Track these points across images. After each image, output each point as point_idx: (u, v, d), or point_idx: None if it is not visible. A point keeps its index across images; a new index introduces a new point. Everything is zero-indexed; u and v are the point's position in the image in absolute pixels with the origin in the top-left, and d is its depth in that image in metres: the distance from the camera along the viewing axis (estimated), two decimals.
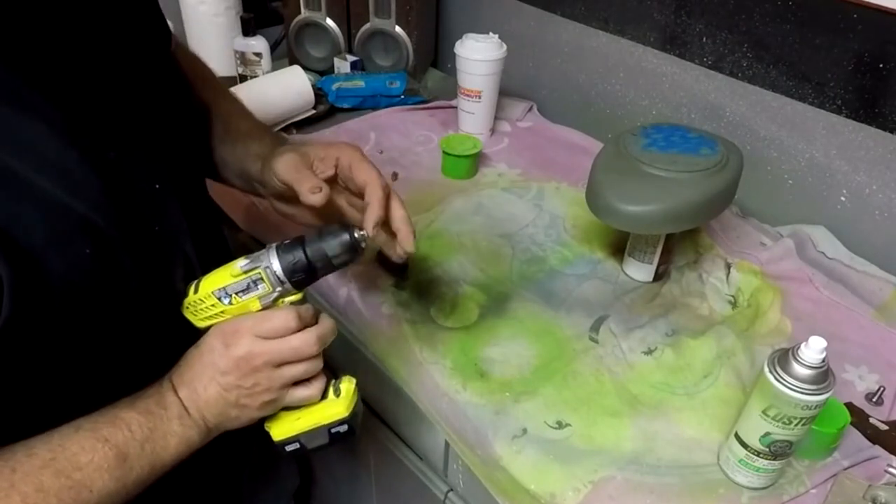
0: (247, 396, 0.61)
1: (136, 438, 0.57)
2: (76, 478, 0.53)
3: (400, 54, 1.42)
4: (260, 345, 0.60)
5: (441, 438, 0.86)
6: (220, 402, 0.61)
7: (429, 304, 0.90)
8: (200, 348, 0.62)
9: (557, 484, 0.70)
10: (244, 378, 0.60)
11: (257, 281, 0.60)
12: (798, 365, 0.62)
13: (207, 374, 0.61)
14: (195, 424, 0.61)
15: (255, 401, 0.62)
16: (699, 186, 0.85)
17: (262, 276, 0.60)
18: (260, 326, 0.60)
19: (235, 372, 0.60)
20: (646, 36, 1.19)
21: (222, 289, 0.61)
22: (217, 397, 0.61)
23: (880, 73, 0.94)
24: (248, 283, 0.60)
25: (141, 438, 0.57)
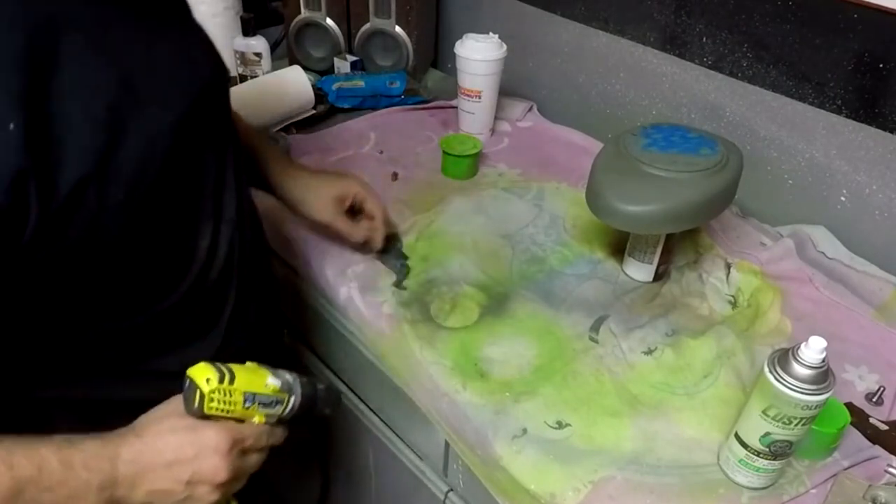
0: (192, 502, 0.61)
1: (40, 482, 0.54)
2: None
3: (400, 54, 1.42)
4: (233, 467, 0.61)
5: (441, 438, 0.86)
6: (161, 498, 0.60)
7: (429, 304, 0.90)
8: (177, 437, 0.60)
9: (557, 484, 0.70)
10: (202, 489, 0.60)
11: (280, 402, 0.66)
12: (798, 365, 0.62)
13: (168, 471, 0.59)
14: (109, 501, 0.58)
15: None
16: (699, 186, 0.85)
17: (285, 401, 0.66)
18: (247, 442, 0.63)
19: (200, 485, 0.60)
20: (646, 36, 1.19)
21: (255, 394, 0.64)
22: (161, 495, 0.60)
23: (880, 73, 0.94)
24: (274, 399, 0.65)
25: (45, 485, 0.54)
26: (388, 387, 0.90)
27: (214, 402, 0.61)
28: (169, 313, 0.66)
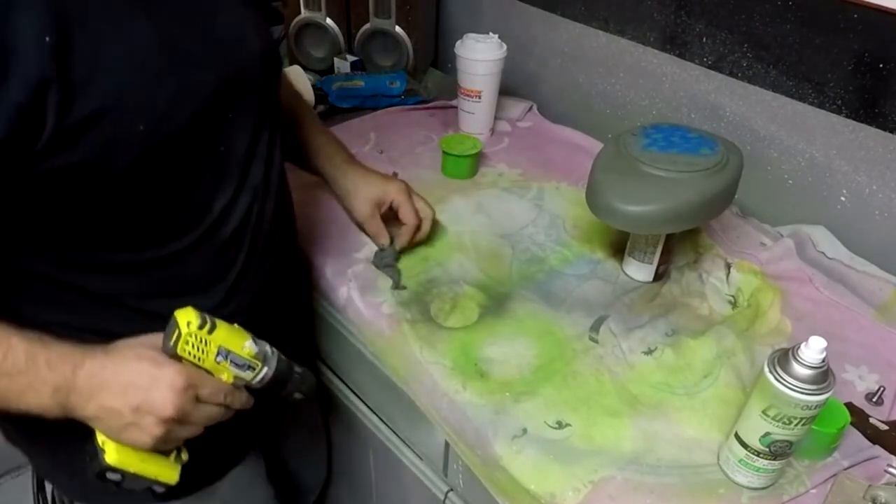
0: (135, 429, 0.62)
1: (2, 367, 0.58)
2: None
3: (400, 54, 1.42)
4: (182, 408, 0.62)
5: (441, 438, 0.86)
6: (108, 417, 0.62)
7: (429, 304, 0.90)
8: (140, 364, 0.62)
9: (557, 484, 0.70)
10: (148, 419, 0.62)
11: (253, 367, 0.68)
12: (798, 365, 0.62)
13: (122, 392, 0.61)
14: (61, 407, 0.61)
15: (135, 435, 0.62)
16: (699, 186, 0.85)
17: (258, 368, 0.68)
18: (203, 390, 0.64)
19: (147, 415, 0.61)
20: (646, 36, 1.19)
21: (229, 351, 0.66)
22: (108, 412, 0.61)
23: (880, 73, 0.93)
24: (247, 364, 0.67)
25: (6, 370, 0.58)
26: (388, 387, 0.90)
27: (188, 346, 0.63)
28: (174, 259, 0.68)
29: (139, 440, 0.63)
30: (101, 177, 0.59)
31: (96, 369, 0.61)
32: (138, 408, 0.61)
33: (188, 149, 0.64)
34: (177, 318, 0.63)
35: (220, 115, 0.67)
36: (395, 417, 0.99)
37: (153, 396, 0.61)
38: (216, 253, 0.72)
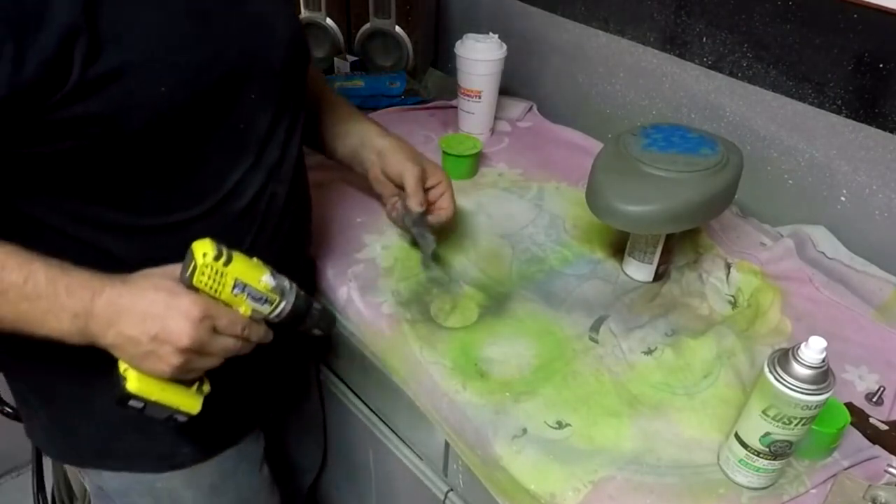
0: (154, 358, 0.63)
1: (23, 290, 0.59)
2: None
3: (400, 54, 1.42)
4: (199, 338, 0.63)
5: (441, 438, 0.86)
6: (127, 345, 0.62)
7: (429, 304, 0.90)
8: (157, 294, 0.63)
9: (557, 484, 0.70)
10: (165, 348, 0.62)
11: (270, 301, 0.67)
12: (798, 365, 0.62)
13: (140, 321, 0.62)
14: (81, 333, 0.61)
15: (154, 363, 0.63)
16: (699, 186, 0.85)
17: (275, 303, 0.68)
18: (220, 321, 0.64)
19: (165, 344, 0.62)
20: (646, 36, 1.19)
21: (246, 284, 0.65)
22: (127, 340, 0.62)
23: (880, 73, 0.93)
24: (264, 297, 0.67)
25: (27, 294, 0.59)
26: (388, 387, 0.90)
27: (204, 277, 0.63)
28: (181, 226, 0.69)
29: (158, 369, 0.63)
30: (114, 132, 0.60)
31: (114, 297, 0.61)
32: (156, 336, 0.61)
33: (205, 119, 0.66)
34: (193, 250, 0.63)
35: (242, 94, 0.69)
36: (395, 417, 0.99)
37: (169, 326, 0.62)
38: (225, 227, 0.73)
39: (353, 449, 1.14)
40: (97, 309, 0.61)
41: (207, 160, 0.70)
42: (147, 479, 0.84)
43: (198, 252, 0.63)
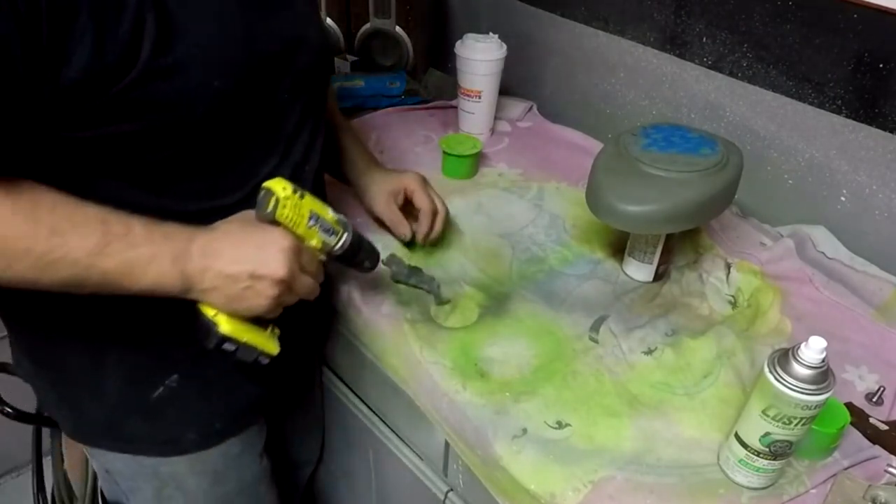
0: (252, 294, 0.66)
1: (126, 239, 0.61)
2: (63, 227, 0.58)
3: (400, 54, 1.42)
4: (292, 269, 0.67)
5: (441, 438, 0.86)
6: (226, 284, 0.65)
7: (429, 304, 0.90)
8: (246, 231, 0.67)
9: (557, 484, 0.70)
10: (263, 282, 0.66)
11: (336, 233, 0.73)
12: (798, 365, 0.62)
13: (236, 259, 0.65)
14: (182, 277, 0.64)
15: (251, 300, 0.66)
16: (699, 186, 0.85)
17: (340, 234, 0.74)
18: (303, 256, 0.69)
19: (262, 278, 0.65)
20: (646, 36, 1.19)
21: (318, 216, 0.70)
22: (226, 279, 0.65)
23: (880, 73, 0.93)
24: (331, 228, 0.72)
25: (131, 242, 0.61)
26: (388, 387, 0.90)
27: (286, 210, 0.66)
28: (218, 212, 0.70)
29: (255, 304, 0.66)
30: (170, 119, 0.63)
31: (208, 241, 0.64)
32: (253, 272, 0.65)
33: (245, 113, 0.69)
34: (270, 187, 0.66)
35: (277, 92, 0.73)
36: (395, 417, 0.99)
37: (266, 259, 0.65)
38: None
39: (352, 448, 1.14)
40: (194, 250, 0.64)
41: (243, 153, 0.73)
42: (152, 462, 0.84)
43: (277, 188, 0.66)
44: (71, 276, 0.60)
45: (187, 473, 0.87)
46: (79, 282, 0.60)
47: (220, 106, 0.66)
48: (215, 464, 0.88)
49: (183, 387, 0.80)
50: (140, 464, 0.85)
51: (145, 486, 0.87)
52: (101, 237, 0.60)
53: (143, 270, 0.62)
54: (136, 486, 0.88)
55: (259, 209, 0.66)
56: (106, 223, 0.60)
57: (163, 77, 0.60)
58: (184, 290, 0.65)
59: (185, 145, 0.67)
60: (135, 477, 0.87)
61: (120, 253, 0.61)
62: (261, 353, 0.70)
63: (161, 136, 0.64)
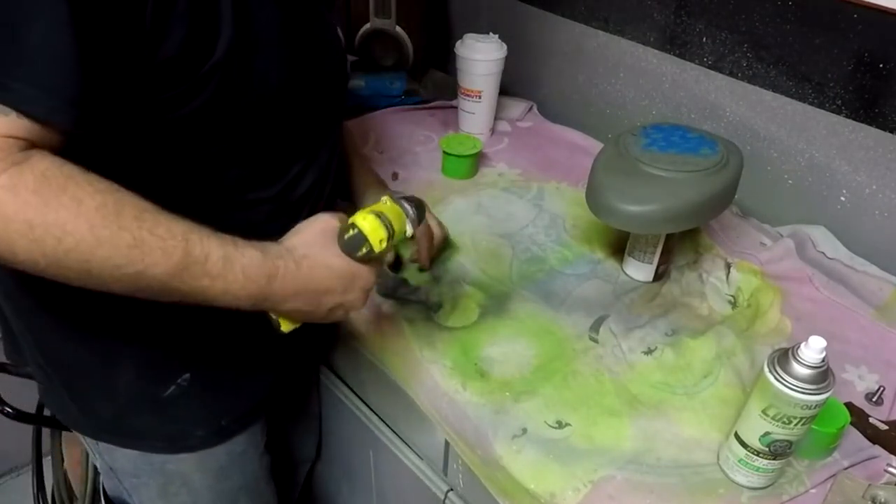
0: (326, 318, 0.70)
1: (204, 267, 0.59)
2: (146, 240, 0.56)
3: (400, 54, 1.42)
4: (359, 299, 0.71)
5: (441, 438, 0.86)
6: (301, 316, 0.68)
7: (429, 303, 0.90)
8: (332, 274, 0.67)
9: (557, 483, 0.70)
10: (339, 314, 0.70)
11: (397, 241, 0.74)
12: (798, 365, 0.62)
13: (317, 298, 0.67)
14: (254, 307, 0.64)
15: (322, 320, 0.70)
16: (699, 186, 0.85)
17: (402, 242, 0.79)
18: (368, 285, 0.71)
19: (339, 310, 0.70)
20: (646, 36, 1.19)
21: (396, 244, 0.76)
22: (301, 313, 0.68)
23: (880, 73, 0.94)
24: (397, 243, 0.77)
25: (207, 271, 0.59)
26: (388, 387, 0.90)
27: (376, 253, 0.68)
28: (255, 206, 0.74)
29: (325, 321, 0.70)
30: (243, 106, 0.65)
31: (289, 279, 0.64)
32: (332, 308, 0.68)
33: (285, 111, 0.71)
34: (367, 236, 0.67)
35: (310, 95, 0.75)
36: (395, 417, 0.99)
37: (349, 298, 0.69)
38: (285, 210, 0.77)
39: (352, 449, 1.14)
40: (275, 290, 0.63)
41: (279, 149, 0.74)
42: (158, 460, 0.85)
43: (373, 238, 0.67)
44: (148, 290, 0.58)
45: (193, 470, 0.87)
46: (147, 295, 0.59)
47: (270, 100, 0.67)
48: (220, 460, 0.89)
49: (193, 385, 0.80)
50: (146, 461, 0.85)
51: (151, 483, 0.88)
52: (181, 258, 0.57)
53: (213, 299, 0.61)
54: (140, 483, 0.88)
55: (346, 245, 0.67)
56: (188, 242, 0.58)
57: (240, 60, 0.61)
58: (263, 310, 0.66)
59: (235, 135, 0.68)
60: (140, 474, 0.87)
61: (196, 280, 0.59)
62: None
63: (227, 120, 0.65)
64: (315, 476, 1.31)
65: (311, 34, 0.74)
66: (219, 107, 0.63)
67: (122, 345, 0.77)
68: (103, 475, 0.95)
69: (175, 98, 0.61)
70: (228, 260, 0.60)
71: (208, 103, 0.62)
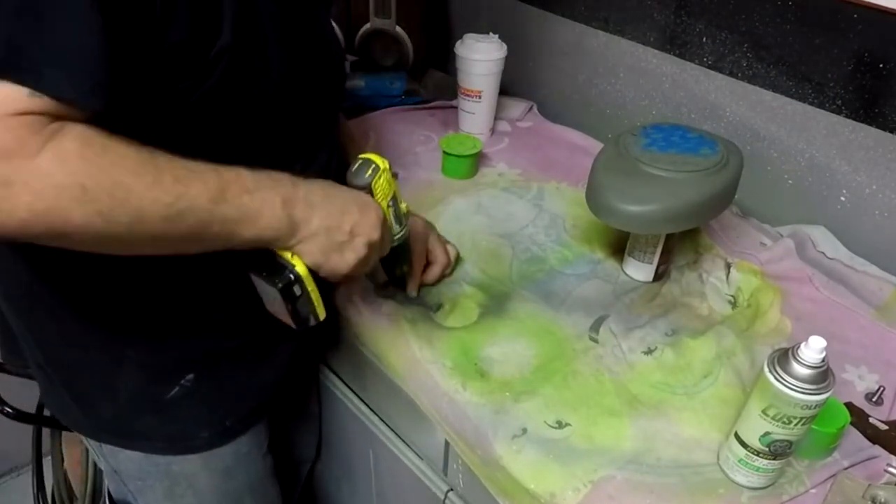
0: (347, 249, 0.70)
1: (239, 183, 0.62)
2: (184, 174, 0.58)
3: (400, 54, 1.42)
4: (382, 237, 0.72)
5: (441, 438, 0.86)
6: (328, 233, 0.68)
7: (429, 303, 0.90)
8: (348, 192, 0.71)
9: (557, 483, 0.70)
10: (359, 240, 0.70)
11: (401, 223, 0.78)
12: (798, 365, 0.62)
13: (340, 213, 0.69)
14: (290, 221, 0.65)
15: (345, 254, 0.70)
16: (699, 186, 0.85)
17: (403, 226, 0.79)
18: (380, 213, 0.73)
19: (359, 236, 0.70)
20: (646, 36, 1.19)
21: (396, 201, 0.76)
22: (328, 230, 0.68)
23: (880, 73, 0.94)
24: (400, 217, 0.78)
25: (244, 187, 0.62)
26: (388, 387, 0.90)
27: (381, 181, 0.72)
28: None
29: (344, 261, 0.70)
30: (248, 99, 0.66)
31: (309, 189, 0.67)
32: (352, 229, 0.69)
33: (285, 108, 0.71)
34: (371, 158, 0.72)
35: (308, 93, 0.75)
36: (395, 417, 0.99)
37: (366, 219, 0.70)
38: None
39: (352, 448, 1.14)
40: (300, 195, 0.66)
41: (279, 149, 0.74)
42: (163, 461, 0.85)
43: (377, 159, 0.71)
44: (195, 226, 0.59)
45: (199, 472, 0.87)
46: (199, 232, 0.60)
47: (275, 93, 0.68)
48: (226, 461, 0.89)
49: (197, 386, 0.80)
50: (151, 462, 0.85)
51: (156, 485, 0.88)
52: (218, 183, 0.60)
53: (257, 214, 0.63)
54: (146, 486, 0.88)
55: (356, 176, 0.71)
56: (217, 170, 0.60)
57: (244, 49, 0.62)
58: (288, 235, 0.66)
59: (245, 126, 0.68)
60: (145, 476, 0.87)
61: (237, 197, 0.61)
62: (313, 311, 0.71)
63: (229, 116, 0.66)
64: (315, 476, 1.31)
65: (309, 32, 0.74)
66: (223, 98, 0.64)
67: (126, 345, 0.77)
68: (107, 478, 0.95)
69: (185, 87, 0.61)
70: (256, 175, 0.63)
71: (213, 93, 0.63)
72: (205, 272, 0.73)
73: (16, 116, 0.50)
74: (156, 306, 0.74)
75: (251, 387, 0.87)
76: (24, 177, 0.50)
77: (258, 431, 0.92)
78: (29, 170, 0.51)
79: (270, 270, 0.68)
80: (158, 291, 0.74)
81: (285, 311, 0.69)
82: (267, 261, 0.68)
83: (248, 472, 0.93)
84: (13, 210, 0.51)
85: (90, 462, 1.23)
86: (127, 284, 0.73)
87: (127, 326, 0.75)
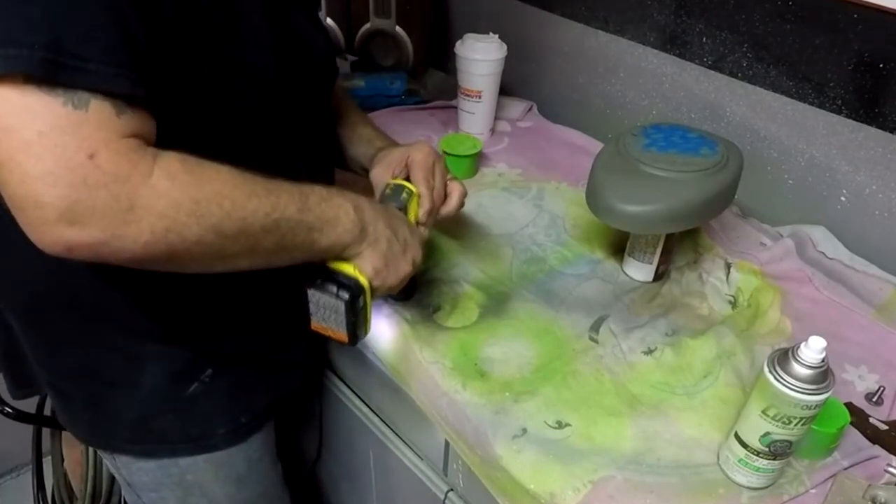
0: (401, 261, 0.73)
1: (317, 195, 0.64)
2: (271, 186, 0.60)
3: (400, 54, 1.42)
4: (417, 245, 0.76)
5: (441, 438, 0.86)
6: (390, 240, 0.71)
7: (429, 304, 0.90)
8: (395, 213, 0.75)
9: (557, 483, 0.70)
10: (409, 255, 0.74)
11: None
12: (798, 365, 0.62)
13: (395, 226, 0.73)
14: (360, 224, 0.68)
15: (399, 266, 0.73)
16: (699, 186, 0.85)
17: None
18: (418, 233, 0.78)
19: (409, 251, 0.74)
20: (646, 36, 1.19)
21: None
22: (389, 238, 0.71)
23: (880, 73, 0.94)
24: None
25: (321, 196, 0.64)
26: (388, 387, 0.90)
27: (413, 205, 0.79)
28: None
29: (397, 273, 0.72)
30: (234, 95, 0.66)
31: (369, 201, 0.71)
32: (405, 241, 0.73)
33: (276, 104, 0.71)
34: (405, 185, 0.79)
35: (296, 89, 0.75)
36: (395, 417, 0.99)
37: (414, 238, 0.75)
38: None
39: (353, 449, 1.14)
40: (362, 202, 0.69)
41: (276, 148, 0.74)
42: (177, 471, 0.84)
43: (410, 185, 0.78)
44: (286, 235, 0.61)
45: (212, 480, 0.87)
46: (288, 242, 0.61)
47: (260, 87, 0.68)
48: (239, 468, 0.88)
49: (215, 382, 0.80)
50: (166, 473, 0.84)
51: (170, 497, 0.87)
52: (299, 192, 0.62)
53: (336, 220, 0.65)
54: (159, 498, 0.87)
55: (392, 198, 0.77)
56: (290, 183, 0.62)
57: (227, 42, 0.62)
58: (359, 240, 0.68)
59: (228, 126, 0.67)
60: (158, 488, 0.86)
61: (317, 206, 0.63)
62: (365, 325, 0.72)
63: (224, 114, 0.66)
64: (315, 476, 1.31)
65: (294, 27, 0.73)
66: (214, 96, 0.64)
67: (146, 344, 0.76)
68: (123, 491, 0.94)
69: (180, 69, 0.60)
70: (322, 188, 0.65)
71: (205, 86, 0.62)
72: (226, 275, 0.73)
73: (122, 139, 0.51)
74: (177, 306, 0.73)
75: (267, 383, 0.87)
76: (144, 199, 0.51)
77: (269, 432, 0.92)
78: (147, 191, 0.51)
79: (336, 284, 0.68)
80: (179, 291, 0.73)
81: (343, 325, 0.70)
82: (325, 275, 0.69)
83: (260, 479, 0.93)
84: (139, 234, 0.51)
85: (90, 462, 1.23)
86: (146, 284, 0.72)
87: (147, 325, 0.75)
